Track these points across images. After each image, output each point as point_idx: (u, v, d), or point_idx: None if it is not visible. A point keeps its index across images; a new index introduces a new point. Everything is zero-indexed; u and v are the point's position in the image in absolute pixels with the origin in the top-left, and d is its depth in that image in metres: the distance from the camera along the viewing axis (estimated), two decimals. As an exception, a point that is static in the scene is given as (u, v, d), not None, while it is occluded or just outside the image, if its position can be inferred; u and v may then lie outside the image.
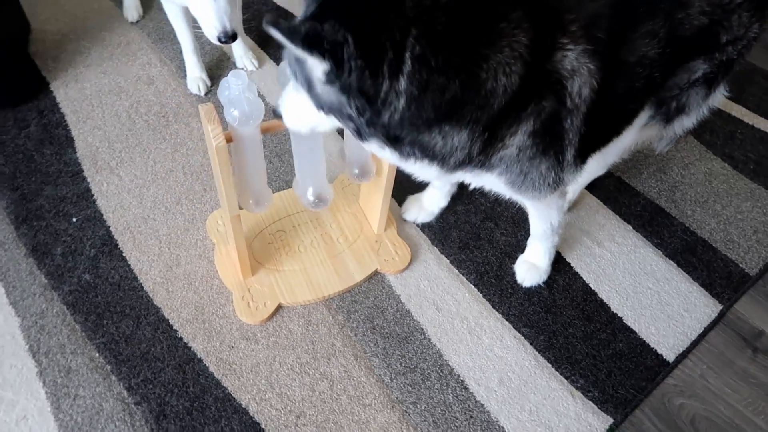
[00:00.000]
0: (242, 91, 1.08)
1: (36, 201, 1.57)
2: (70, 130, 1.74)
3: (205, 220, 1.55)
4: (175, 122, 1.78)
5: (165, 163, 1.68)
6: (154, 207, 1.58)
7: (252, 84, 1.11)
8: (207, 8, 1.43)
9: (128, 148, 1.70)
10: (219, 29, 1.45)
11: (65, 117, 1.77)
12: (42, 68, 1.89)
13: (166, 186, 1.63)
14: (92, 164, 1.66)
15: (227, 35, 1.45)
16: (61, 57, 1.93)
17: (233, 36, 1.46)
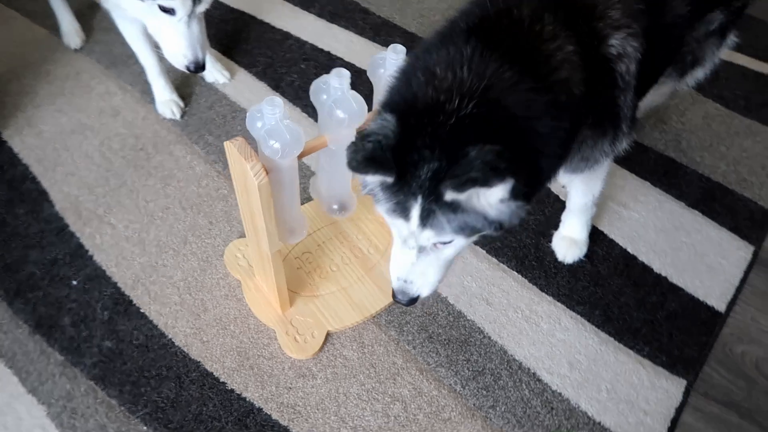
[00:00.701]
0: (279, 120, 0.96)
1: (23, 270, 1.39)
2: (40, 183, 1.55)
3: (222, 256, 1.42)
4: (157, 153, 1.62)
5: (158, 201, 1.53)
6: (161, 252, 1.43)
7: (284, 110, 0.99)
8: (178, 35, 1.27)
9: (112, 191, 1.54)
10: (190, 59, 1.30)
11: (30, 168, 1.58)
12: (-13, 117, 1.68)
13: (167, 226, 1.48)
14: (76, 216, 1.49)
15: (198, 65, 1.31)
16: (5, 101, 1.72)
17: (204, 66, 1.32)
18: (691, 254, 1.49)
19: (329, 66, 1.86)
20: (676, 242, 1.51)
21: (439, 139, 0.80)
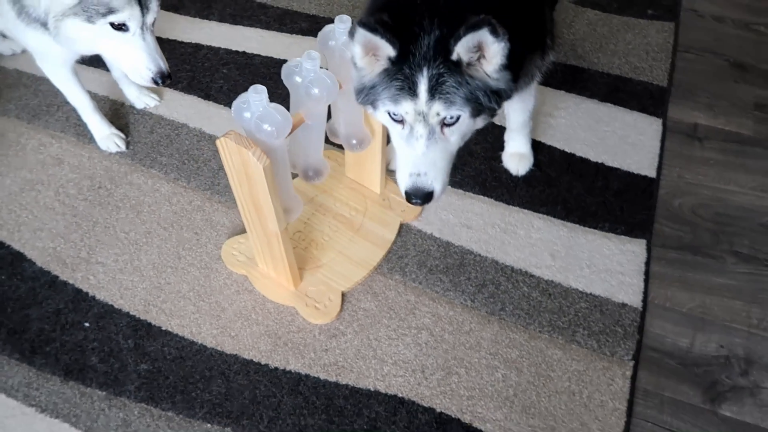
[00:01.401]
0: (266, 105, 1.06)
1: (30, 329, 1.40)
2: (10, 246, 1.54)
3: (219, 259, 1.49)
4: (117, 187, 1.65)
5: (137, 229, 1.56)
6: (159, 273, 1.48)
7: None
8: (137, 50, 1.32)
9: (88, 233, 1.56)
10: (154, 70, 1.35)
11: (-7, 236, 1.56)
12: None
13: (155, 248, 1.53)
14: (62, 266, 1.50)
15: (164, 75, 1.36)
16: (-61, 180, 1.67)
17: (170, 75, 1.38)
18: (616, 139, 1.72)
19: (250, 65, 1.94)
20: (601, 133, 1.74)
21: (438, 12, 0.90)
